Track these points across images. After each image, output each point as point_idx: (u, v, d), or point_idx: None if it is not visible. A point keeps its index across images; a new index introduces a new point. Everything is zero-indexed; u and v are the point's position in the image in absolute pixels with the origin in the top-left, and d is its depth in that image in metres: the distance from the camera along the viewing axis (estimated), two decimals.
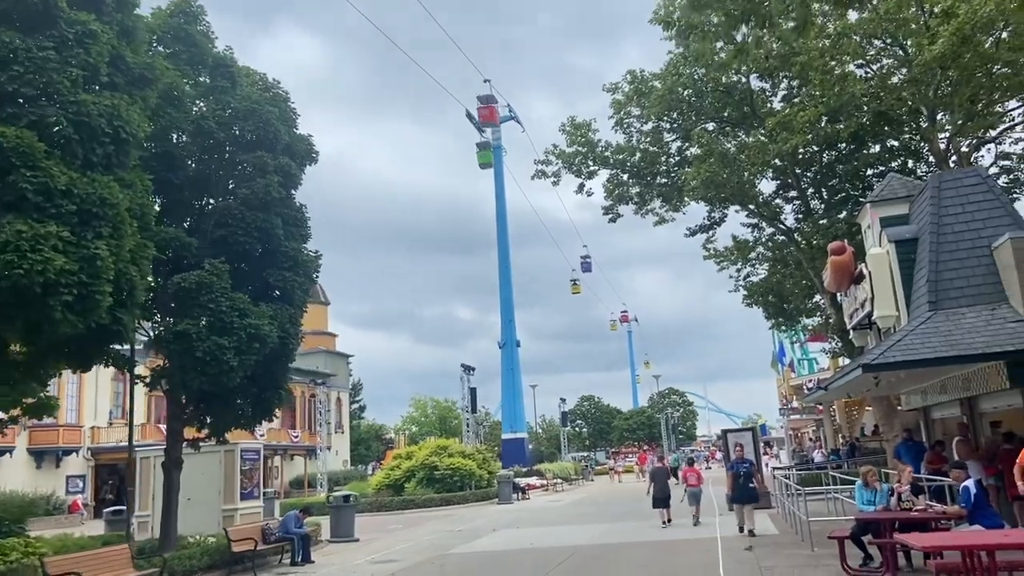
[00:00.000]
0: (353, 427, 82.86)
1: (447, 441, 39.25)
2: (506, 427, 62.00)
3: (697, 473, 21.08)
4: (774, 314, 29.55)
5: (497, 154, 64.34)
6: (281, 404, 19.05)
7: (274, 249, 17.72)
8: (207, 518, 21.40)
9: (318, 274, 19.32)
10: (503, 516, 27.73)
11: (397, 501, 33.18)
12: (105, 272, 11.71)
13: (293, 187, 18.44)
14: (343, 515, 22.11)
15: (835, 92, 20.64)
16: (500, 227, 63.68)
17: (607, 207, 28.77)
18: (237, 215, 17.03)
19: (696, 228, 28.68)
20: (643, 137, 27.45)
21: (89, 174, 11.99)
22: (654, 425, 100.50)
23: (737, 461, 18.19)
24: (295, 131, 18.86)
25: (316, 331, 74.95)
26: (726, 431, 24.33)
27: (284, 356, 18.09)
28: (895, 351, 13.36)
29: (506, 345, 60.95)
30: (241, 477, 22.32)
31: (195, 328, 15.63)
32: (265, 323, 16.35)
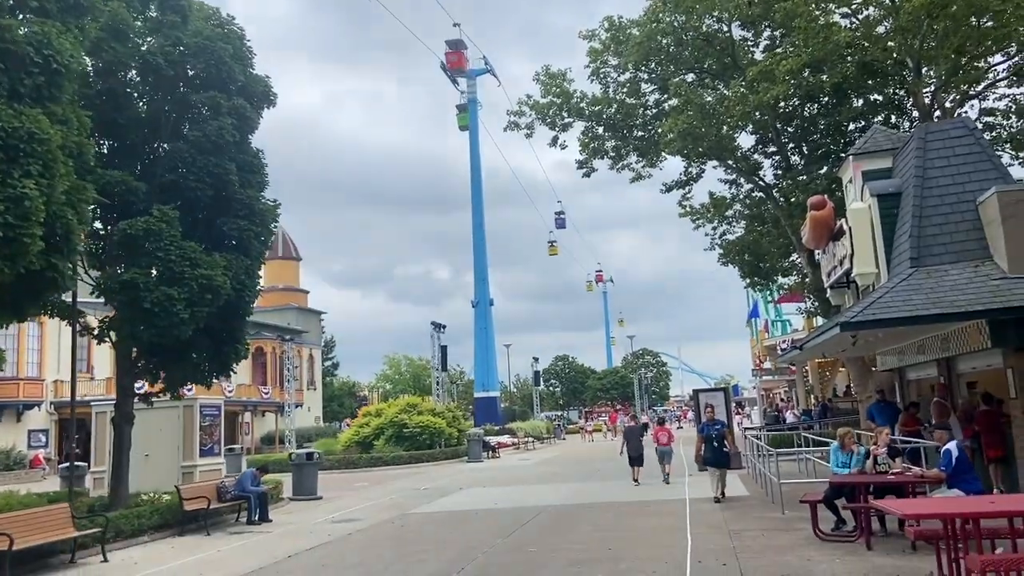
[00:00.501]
0: (326, 384, 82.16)
1: (417, 399, 38.76)
2: (479, 386, 61.71)
3: (668, 432, 21.27)
4: (750, 273, 29.04)
5: (472, 108, 63.05)
6: (239, 359, 18.28)
7: (228, 196, 16.78)
8: (166, 475, 20.74)
9: (276, 224, 18.43)
10: (471, 475, 27.33)
11: (365, 459, 32.70)
12: (34, 214, 10.80)
13: (249, 131, 17.46)
14: (306, 473, 21.53)
15: (819, 41, 19.88)
16: (474, 183, 62.70)
17: (582, 161, 27.97)
18: (188, 159, 16.05)
19: (672, 184, 27.98)
20: (620, 88, 26.57)
21: (16, 107, 11.00)
22: (628, 385, 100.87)
23: (708, 423, 16.81)
24: (251, 71, 17.81)
25: (288, 287, 73.95)
26: (697, 391, 23.94)
27: (241, 309, 17.28)
28: (874, 309, 12.85)
29: (479, 304, 60.38)
30: (201, 433, 21.63)
31: (143, 278, 14.79)
32: (218, 273, 15.51)
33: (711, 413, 17.58)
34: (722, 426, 17.01)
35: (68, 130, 12.04)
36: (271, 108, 18.44)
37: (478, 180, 62.63)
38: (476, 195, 62.65)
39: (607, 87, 26.95)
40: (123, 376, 16.81)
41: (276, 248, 74.20)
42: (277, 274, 73.94)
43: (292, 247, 75.46)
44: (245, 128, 17.17)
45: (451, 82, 63.41)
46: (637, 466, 20.42)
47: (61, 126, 11.78)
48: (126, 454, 16.75)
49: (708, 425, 16.76)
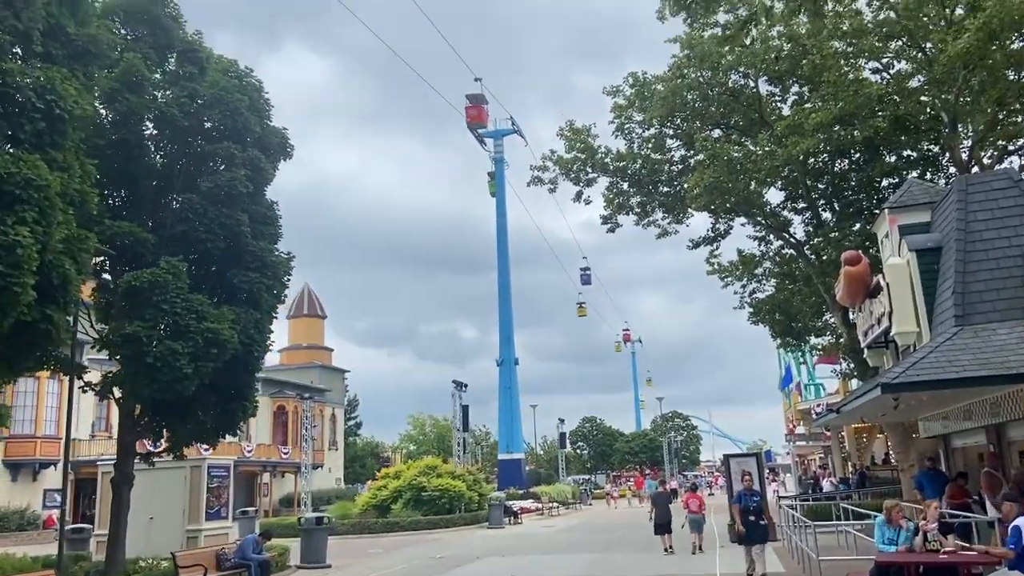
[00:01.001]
0: (349, 444, 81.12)
1: (436, 461, 37.66)
2: (502, 447, 60.36)
3: (699, 499, 20.45)
4: (781, 333, 28.05)
5: (499, 167, 63.20)
6: (247, 416, 17.62)
7: (240, 248, 16.35)
8: (170, 539, 19.99)
9: (289, 277, 17.90)
10: (490, 542, 26.15)
11: (381, 523, 31.58)
12: (27, 262, 10.33)
13: (264, 183, 17.11)
14: (315, 539, 20.58)
15: (849, 94, 19.31)
16: (500, 241, 62.42)
17: (606, 217, 27.39)
18: (199, 210, 15.68)
19: (699, 240, 27.26)
20: (645, 143, 26.14)
21: (14, 151, 10.65)
22: (657, 448, 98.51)
23: (745, 492, 14.46)
24: (268, 123, 17.57)
25: (312, 345, 73.67)
26: (728, 456, 22.73)
27: (249, 364, 16.68)
28: (917, 370, 11.89)
29: (504, 363, 59.46)
30: (208, 495, 20.86)
31: (146, 331, 14.26)
32: (225, 327, 14.95)
33: (749, 482, 15.25)
34: (760, 497, 14.89)
35: (69, 177, 11.67)
36: (287, 160, 18.19)
37: (504, 238, 62.40)
38: (502, 253, 62.32)
39: (632, 142, 26.54)
40: (125, 434, 16.19)
41: (301, 305, 74.35)
42: (302, 332, 73.81)
43: (318, 305, 75.42)
44: (259, 180, 16.83)
45: (478, 142, 63.79)
46: (666, 533, 19.82)
47: (62, 173, 11.41)
48: (124, 517, 16.03)
49: (745, 495, 14.46)
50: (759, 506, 14.29)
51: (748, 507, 14.14)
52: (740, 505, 14.33)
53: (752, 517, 14.06)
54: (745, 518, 14.05)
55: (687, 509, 20.23)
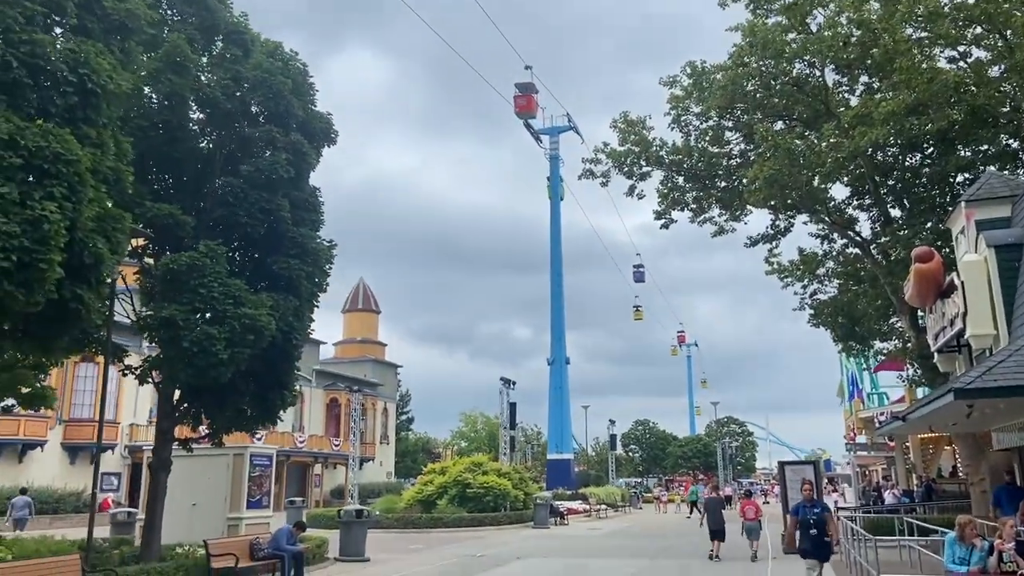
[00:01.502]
0: (400, 439, 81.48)
1: (483, 458, 37.20)
2: (552, 447, 59.63)
3: (756, 506, 20.36)
4: (843, 337, 26.73)
5: (553, 164, 62.48)
6: (286, 405, 17.31)
7: (280, 234, 16.05)
8: (212, 526, 19.93)
9: (331, 265, 17.53)
10: (533, 542, 25.53)
11: (425, 519, 31.21)
12: (54, 238, 10.08)
13: (306, 168, 16.76)
14: (354, 532, 20.25)
15: (923, 82, 18.11)
16: (553, 239, 61.68)
17: (660, 212, 26.49)
18: (239, 194, 15.41)
19: (758, 237, 26.16)
20: (702, 136, 25.18)
21: (43, 125, 10.42)
22: (710, 454, 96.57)
23: (805, 504, 12.64)
24: (312, 108, 17.24)
25: (366, 339, 74.11)
26: (784, 464, 21.71)
27: (287, 352, 16.36)
28: (995, 375, 10.90)
29: (555, 362, 58.71)
30: (250, 484, 20.73)
31: (182, 315, 14.00)
32: (263, 313, 14.63)
33: (809, 491, 13.30)
34: (823, 509, 12.86)
35: (102, 154, 11.41)
36: (331, 146, 17.84)
37: (557, 236, 61.68)
38: (555, 251, 61.61)
39: (688, 135, 25.61)
40: (163, 419, 16.03)
41: (356, 300, 74.86)
42: (356, 326, 74.33)
43: (372, 299, 75.83)
44: (302, 165, 16.48)
45: (534, 139, 63.16)
46: (718, 540, 19.47)
47: (94, 149, 11.15)
48: (160, 502, 15.86)
49: (805, 507, 12.56)
50: (820, 519, 12.35)
51: (807, 520, 12.22)
52: (797, 517, 12.51)
53: (813, 531, 12.17)
54: (804, 532, 12.19)
55: (743, 516, 19.88)
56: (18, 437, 37.05)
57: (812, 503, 12.82)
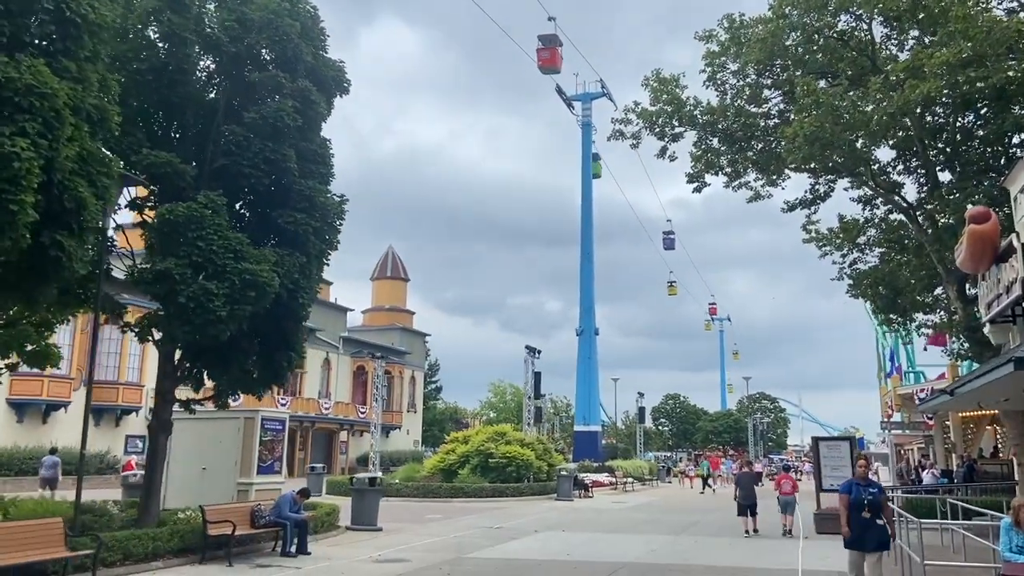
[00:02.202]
0: (428, 408, 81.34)
1: (507, 427, 36.47)
2: (579, 419, 58.86)
3: (792, 480, 19.85)
4: (884, 308, 25.38)
5: (586, 132, 61.05)
6: (292, 367, 16.61)
7: (286, 186, 15.22)
8: (222, 491, 19.39)
9: (342, 221, 16.69)
10: (555, 515, 24.77)
11: (446, 488, 30.61)
12: (27, 177, 9.34)
13: (316, 118, 15.85)
14: (367, 500, 19.60)
15: (982, 31, 16.65)
16: (584, 207, 60.44)
17: (692, 174, 25.23)
18: (243, 142, 14.58)
19: (796, 202, 24.85)
20: (739, 94, 23.82)
21: (15, 56, 9.62)
22: (741, 429, 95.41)
23: (858, 482, 10.49)
24: (322, 54, 16.30)
25: (394, 307, 73.71)
26: (817, 439, 20.62)
27: (293, 311, 15.58)
28: None
29: (584, 333, 57.73)
30: (261, 448, 20.13)
31: (179, 268, 13.27)
32: (265, 269, 13.85)
33: (864, 467, 11.11)
34: (879, 491, 10.61)
35: (84, 90, 10.60)
36: (344, 96, 16.94)
37: (588, 203, 60.40)
38: (586, 219, 60.38)
39: (724, 94, 24.26)
40: (163, 380, 15.38)
41: (385, 267, 74.39)
42: (384, 294, 73.93)
43: (401, 267, 75.33)
44: (310, 114, 15.58)
45: (566, 106, 61.67)
46: (750, 515, 19.05)
47: (74, 84, 10.35)
48: (160, 466, 15.35)
49: (859, 485, 10.39)
50: (877, 500, 10.24)
51: (862, 501, 10.16)
52: (851, 497, 10.25)
53: (867, 514, 10.12)
54: (857, 516, 10.15)
55: (779, 490, 19.61)
56: (42, 398, 37.06)
57: (868, 483, 10.61)
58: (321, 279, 16.71)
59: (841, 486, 10.85)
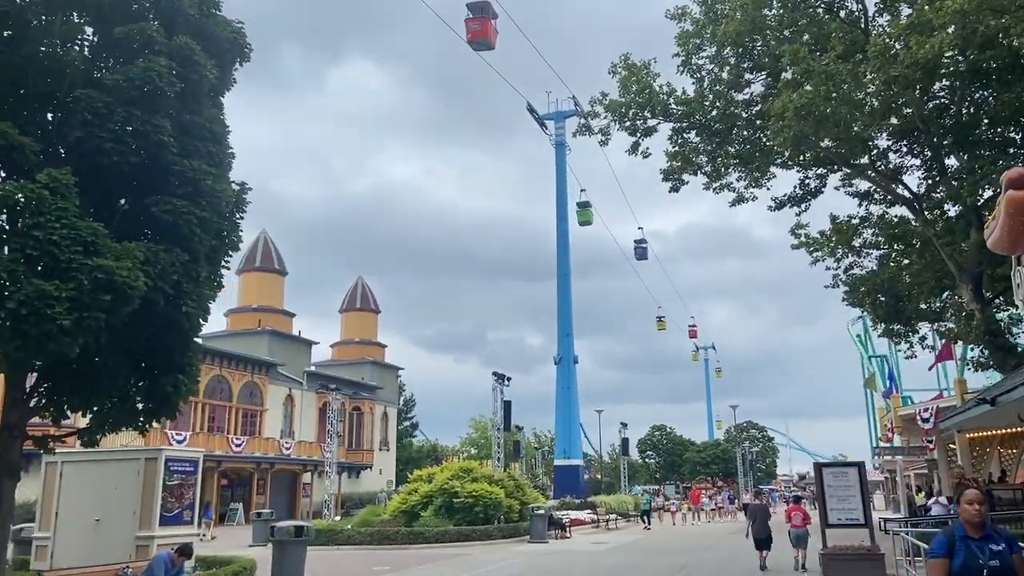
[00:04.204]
0: (404, 445, 77.75)
1: (473, 463, 33.28)
2: (559, 452, 55.52)
3: (803, 512, 18.70)
4: (885, 317, 22.70)
5: (559, 152, 58.67)
6: (182, 395, 13.52)
7: (163, 167, 12.28)
8: (119, 546, 16.35)
9: (242, 216, 13.83)
10: (524, 562, 21.61)
11: (403, 534, 27.28)
12: None
13: (200, 84, 12.95)
14: (289, 554, 16.40)
15: None
16: (560, 230, 57.73)
17: (668, 171, 22.59)
18: (102, 110, 11.66)
19: (784, 199, 22.22)
20: (717, 81, 21.29)
21: None
22: (730, 460, 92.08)
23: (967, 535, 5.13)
24: (213, 11, 13.50)
25: (364, 340, 70.52)
26: (820, 465, 17.73)
27: (176, 323, 12.56)
28: None
29: (562, 360, 54.67)
30: (165, 495, 16.97)
31: (7, 265, 10.29)
32: (126, 267, 10.87)
33: (979, 510, 5.19)
34: (1011, 544, 5.13)
35: None
36: (244, 63, 14.12)
37: (564, 224, 57.71)
38: (562, 241, 57.66)
39: (701, 82, 21.74)
40: (9, 410, 12.25)
41: (354, 299, 71.31)
42: (354, 326, 70.77)
43: (371, 298, 72.33)
44: (194, 78, 12.69)
45: (538, 125, 59.37)
46: (765, 550, 18.48)
47: None
48: (6, 519, 12.11)
49: (970, 541, 5.11)
50: (1007, 564, 5.01)
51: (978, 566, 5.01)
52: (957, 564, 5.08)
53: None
54: None
55: (790, 522, 18.62)
56: None
57: (987, 530, 5.17)
58: (217, 284, 13.71)
59: (935, 543, 5.43)
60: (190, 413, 47.48)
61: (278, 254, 60.88)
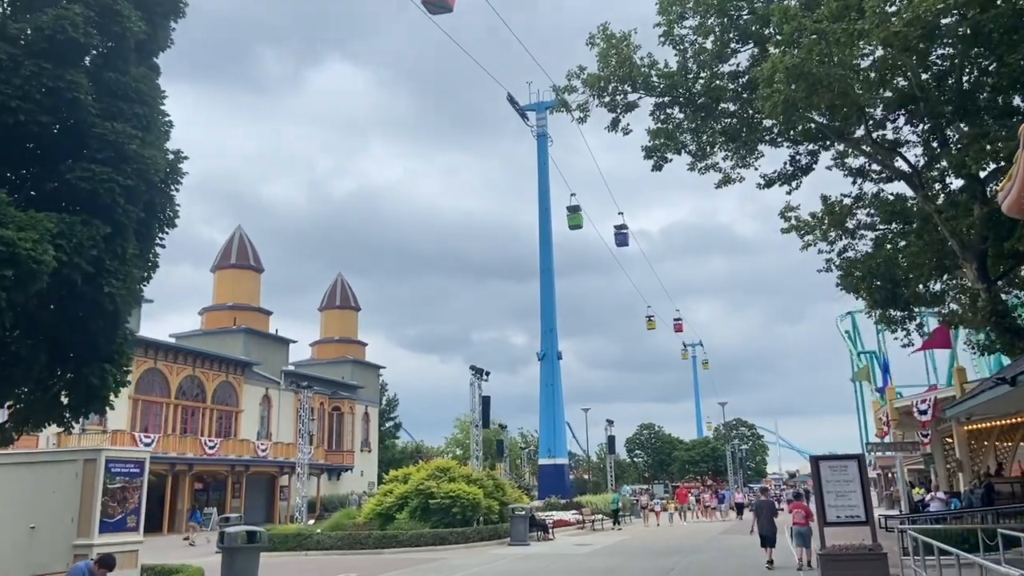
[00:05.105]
0: (386, 446, 76.24)
1: (451, 462, 31.87)
2: (543, 451, 54.23)
3: (805, 509, 17.92)
4: (882, 302, 21.48)
5: (541, 142, 57.42)
6: (110, 388, 12.16)
7: (80, 128, 10.94)
8: (57, 555, 14.89)
9: (178, 187, 12.47)
10: (501, 567, 20.28)
11: (375, 537, 25.84)
12: None
13: (124, 37, 11.57)
14: (240, 562, 15.06)
15: None
16: (542, 222, 56.45)
17: (651, 148, 21.32)
18: (6, 63, 10.29)
19: (774, 176, 20.99)
20: (700, 52, 20.04)
21: None
22: (719, 458, 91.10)
23: None
24: None
25: (344, 338, 68.94)
26: (817, 459, 16.50)
27: (100, 306, 11.17)
28: None
29: (545, 357, 53.38)
30: (106, 499, 15.50)
31: None
32: (31, 238, 9.50)
33: None
34: None
35: None
36: (178, 18, 12.75)
37: (547, 220, 56.46)
38: (544, 235, 56.39)
39: (685, 53, 20.48)
40: None
41: (334, 296, 69.71)
42: (334, 325, 69.19)
43: (351, 296, 70.73)
44: (116, 30, 11.34)
45: (520, 116, 58.14)
46: (769, 547, 18.11)
47: None
48: None
49: None
50: None
51: None
52: None
53: None
54: None
55: (792, 520, 18.19)
56: None
57: None
58: (152, 264, 12.37)
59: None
60: (161, 414, 45.92)
61: (254, 251, 59.16)
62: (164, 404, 46.25)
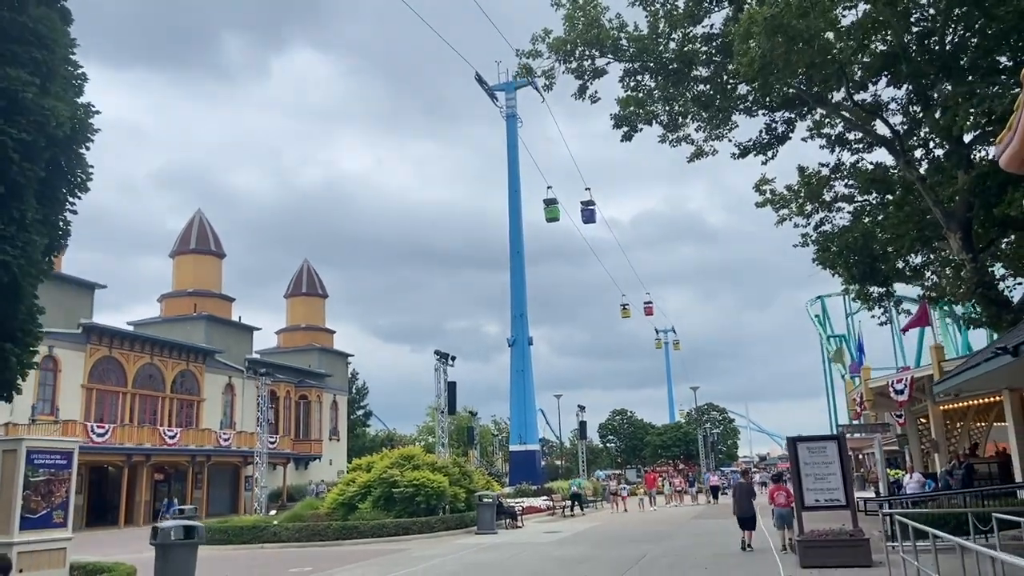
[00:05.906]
0: (358, 435, 74.95)
1: (416, 450, 30.74)
2: (514, 438, 53.25)
3: (786, 491, 17.59)
4: (859, 278, 20.64)
5: (511, 124, 56.16)
6: (15, 370, 10.84)
7: None
8: None
9: (89, 143, 11.12)
10: (465, 558, 19.20)
11: (335, 528, 24.66)
12: None
13: None
14: (174, 560, 13.77)
15: None
16: (512, 207, 55.24)
17: (620, 118, 20.24)
18: None
19: (750, 144, 20.01)
20: (672, 12, 18.96)
21: None
22: (691, 442, 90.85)
23: None
24: None
25: (311, 326, 67.43)
26: (795, 439, 15.61)
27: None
28: None
29: (516, 343, 52.30)
30: (27, 493, 14.18)
31: None
32: None
33: None
34: None
35: None
36: None
37: (516, 204, 55.23)
38: (514, 221, 55.17)
39: (656, 14, 19.39)
40: None
41: (300, 283, 68.05)
42: (301, 312, 67.61)
43: (318, 283, 69.14)
44: None
45: (488, 96, 56.78)
46: (748, 529, 17.95)
47: None
48: None
49: None
50: None
51: None
52: None
53: None
54: None
55: (773, 502, 17.80)
56: None
57: None
58: (62, 231, 11.03)
59: None
60: (118, 404, 44.26)
61: (215, 235, 57.27)
62: (120, 394, 44.57)
